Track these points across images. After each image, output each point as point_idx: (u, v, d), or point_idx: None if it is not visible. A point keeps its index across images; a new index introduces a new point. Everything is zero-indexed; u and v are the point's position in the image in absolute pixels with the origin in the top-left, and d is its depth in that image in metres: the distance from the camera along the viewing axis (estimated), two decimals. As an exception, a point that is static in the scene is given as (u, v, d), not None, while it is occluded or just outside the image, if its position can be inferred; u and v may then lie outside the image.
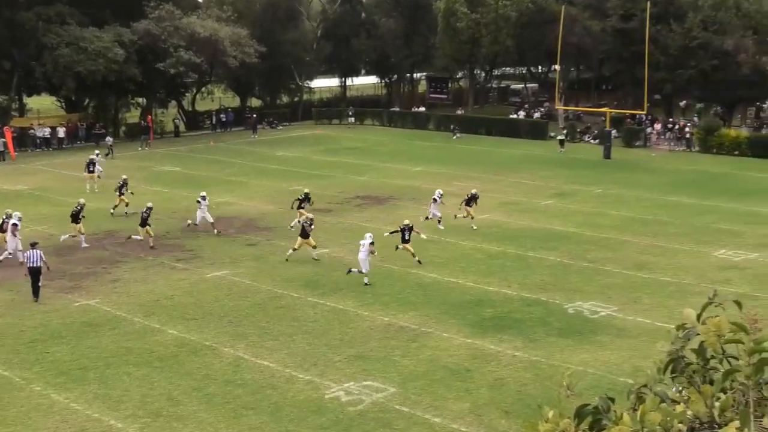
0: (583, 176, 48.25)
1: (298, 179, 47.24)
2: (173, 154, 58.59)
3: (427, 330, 23.53)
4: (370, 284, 27.55)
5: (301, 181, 46.64)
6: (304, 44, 78.66)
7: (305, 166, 52.54)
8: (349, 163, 54.10)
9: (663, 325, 23.29)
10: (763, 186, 44.94)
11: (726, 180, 47.04)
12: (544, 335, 23.04)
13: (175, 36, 63.21)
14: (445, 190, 41.65)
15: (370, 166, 52.41)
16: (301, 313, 25.16)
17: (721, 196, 42.25)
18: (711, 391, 3.37)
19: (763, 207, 39.55)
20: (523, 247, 32.25)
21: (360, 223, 36.23)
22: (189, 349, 22.27)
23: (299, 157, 56.97)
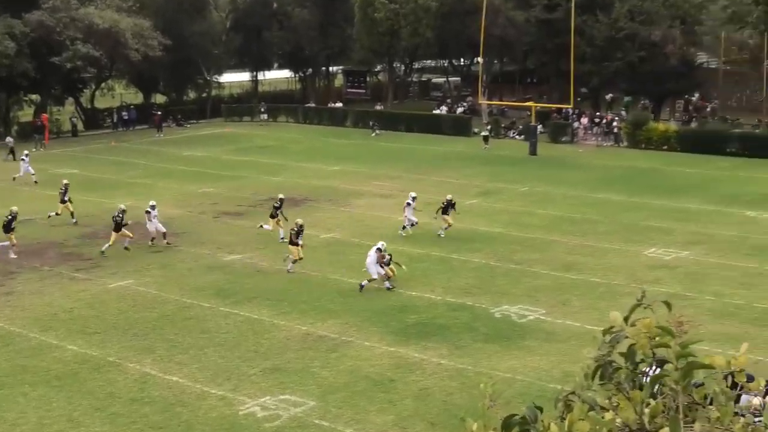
0: (508, 174, 48.81)
1: (208, 181, 46.79)
2: (70, 155, 57.47)
3: (348, 339, 23.52)
4: (393, 288, 27.61)
5: (211, 183, 46.23)
6: (212, 36, 77.86)
7: (215, 167, 52.05)
8: (261, 162, 53.78)
9: (593, 328, 23.67)
10: (693, 182, 46.07)
11: (655, 176, 48.07)
12: (470, 341, 23.24)
13: (72, 28, 61.93)
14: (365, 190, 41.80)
15: (284, 166, 52.19)
16: (212, 324, 24.92)
17: (650, 192, 43.16)
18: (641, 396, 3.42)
19: (692, 203, 40.54)
20: (447, 249, 32.48)
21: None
22: (90, 366, 21.86)
23: (208, 156, 56.40)
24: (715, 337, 21.95)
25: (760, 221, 36.96)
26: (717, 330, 23.34)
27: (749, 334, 23.21)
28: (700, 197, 41.78)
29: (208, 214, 38.95)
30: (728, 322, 24.52)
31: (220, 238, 34.85)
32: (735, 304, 26.09)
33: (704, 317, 24.41)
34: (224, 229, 36.18)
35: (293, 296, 27.33)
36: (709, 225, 36.27)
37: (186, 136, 66.95)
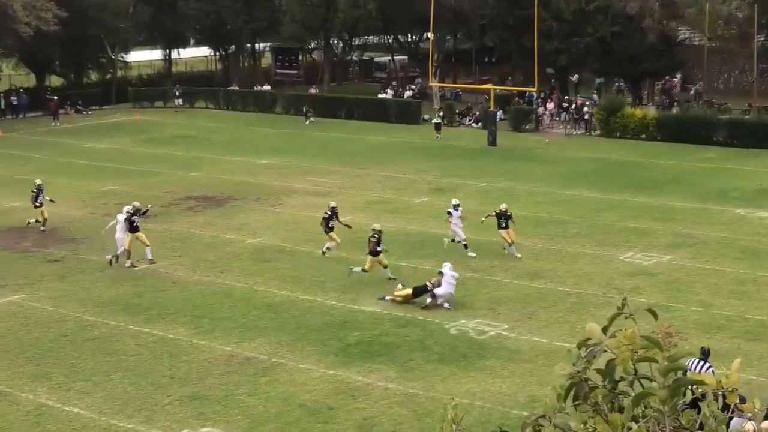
0: (464, 167, 49.02)
1: (113, 177, 46.37)
2: (-51, 147, 56.64)
3: (280, 361, 23.45)
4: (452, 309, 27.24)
5: (118, 180, 45.83)
6: (116, 8, 77.12)
7: (122, 161, 51.56)
8: (177, 155, 53.40)
9: (563, 344, 23.89)
10: (675, 175, 46.65)
11: (632, 169, 48.55)
12: (422, 362, 23.29)
13: (-51, -3, 61.09)
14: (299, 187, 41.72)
15: (204, 160, 51.88)
16: (119, 345, 24.69)
17: (627, 188, 43.60)
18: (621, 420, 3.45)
19: (675, 200, 41.07)
20: (395, 255, 32.49)
21: (193, 230, 35.83)
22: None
23: (114, 149, 55.87)
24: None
25: (751, 220, 37.55)
26: (704, 345, 23.67)
27: (741, 349, 23.58)
28: (684, 193, 42.33)
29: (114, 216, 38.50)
30: (718, 336, 24.86)
31: (129, 244, 34.54)
32: (725, 316, 26.47)
33: (690, 331, 24.73)
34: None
35: (215, 312, 27.18)
36: (695, 225, 36.76)
37: (87, 124, 66.27)
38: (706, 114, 58.14)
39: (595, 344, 3.57)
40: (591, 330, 3.60)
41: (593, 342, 3.58)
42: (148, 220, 37.12)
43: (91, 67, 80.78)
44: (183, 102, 73.41)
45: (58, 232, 36.64)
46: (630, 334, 3.48)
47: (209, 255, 32.94)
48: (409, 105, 67.56)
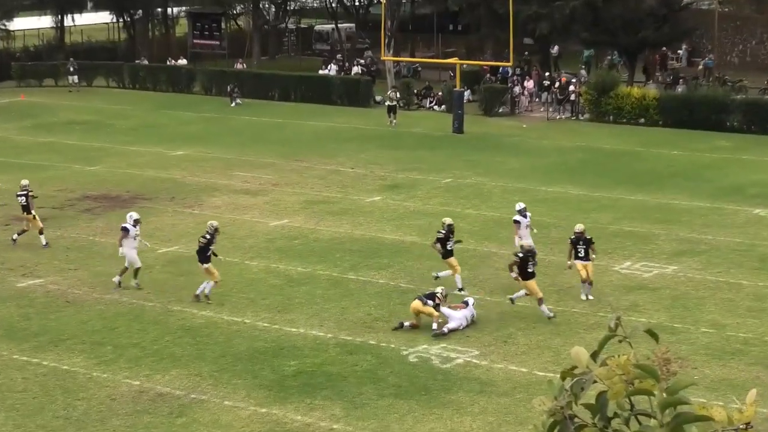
0: (424, 159, 49.08)
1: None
2: None
3: (200, 397, 23.37)
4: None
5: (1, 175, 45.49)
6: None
7: (3, 152, 51.14)
8: (72, 145, 53.06)
9: (545, 374, 23.99)
10: (680, 168, 47.00)
11: (628, 160, 48.83)
12: (374, 397, 23.30)
13: None
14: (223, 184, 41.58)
15: (106, 150, 51.58)
16: (2, 378, 24.52)
17: (622, 183, 43.84)
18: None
19: (680, 198, 41.38)
20: (340, 267, 32.50)
21: (92, 237, 35.60)
22: None
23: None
24: (713, 384, 22.47)
25: (771, 222, 37.93)
26: (716, 374, 23.88)
27: (760, 379, 23.76)
28: (691, 190, 42.67)
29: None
30: (732, 362, 25.05)
31: (12, 254, 34.26)
32: (741, 339, 26.67)
33: (699, 357, 24.93)
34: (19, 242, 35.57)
35: (120, 337, 27.03)
36: (704, 228, 37.05)
37: (-40, 108, 65.67)
38: (717, 94, 58.41)
39: (583, 374, 3.60)
40: (577, 356, 3.63)
41: (580, 371, 3.62)
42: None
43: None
44: (79, 80, 72.88)
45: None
46: (624, 361, 3.51)
47: (112, 268, 32.68)
48: (358, 84, 67.56)
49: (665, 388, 3.45)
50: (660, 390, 3.45)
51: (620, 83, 60.25)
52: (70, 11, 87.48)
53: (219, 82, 69.51)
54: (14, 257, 33.92)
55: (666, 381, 3.48)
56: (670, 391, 3.44)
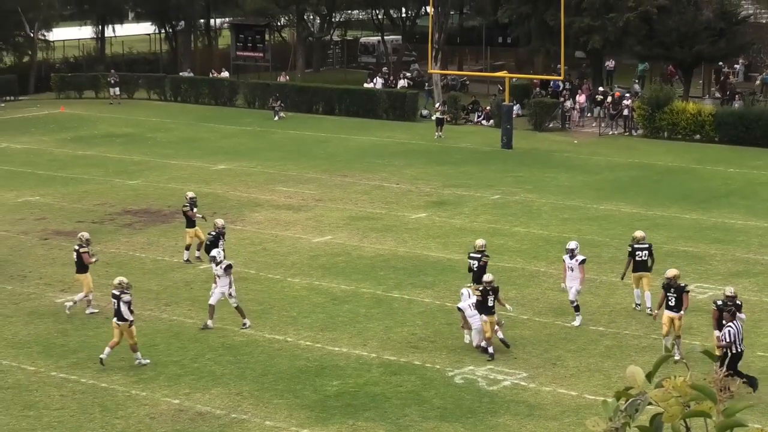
0: (471, 175, 49.06)
1: (32, 186, 46.29)
2: None
3: (241, 417, 23.44)
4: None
5: (38, 189, 45.76)
6: (36, -26, 77.30)
7: (42, 165, 51.52)
8: (112, 158, 53.37)
9: (596, 398, 23.91)
10: (737, 186, 46.78)
11: (683, 178, 48.63)
12: (418, 419, 23.28)
13: None
14: (265, 199, 41.66)
15: (146, 164, 51.86)
16: (39, 396, 24.65)
17: (676, 202, 43.66)
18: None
19: (737, 217, 41.16)
20: (384, 285, 32.51)
21: (132, 252, 35.79)
22: None
23: (33, 150, 55.83)
24: (768, 409, 22.29)
25: (830, 243, 37.67)
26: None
27: (817, 404, 23.59)
28: (747, 209, 42.46)
29: (32, 234, 38.51)
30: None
31: (51, 270, 34.47)
32: (796, 362, 26.52)
33: (753, 380, 24.77)
34: (57, 256, 35.79)
35: (159, 355, 27.13)
36: (761, 249, 36.87)
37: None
38: (776, 110, 58.22)
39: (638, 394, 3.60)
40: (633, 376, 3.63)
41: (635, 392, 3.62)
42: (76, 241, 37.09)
43: (5, 48, 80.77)
44: (119, 91, 73.31)
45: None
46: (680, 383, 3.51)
47: (152, 284, 32.90)
48: (403, 97, 67.57)
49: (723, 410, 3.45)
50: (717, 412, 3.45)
51: (675, 98, 60.00)
52: (110, 22, 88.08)
53: (262, 95, 69.74)
54: (52, 272, 34.14)
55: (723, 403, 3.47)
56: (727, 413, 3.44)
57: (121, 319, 25.97)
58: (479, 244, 30.43)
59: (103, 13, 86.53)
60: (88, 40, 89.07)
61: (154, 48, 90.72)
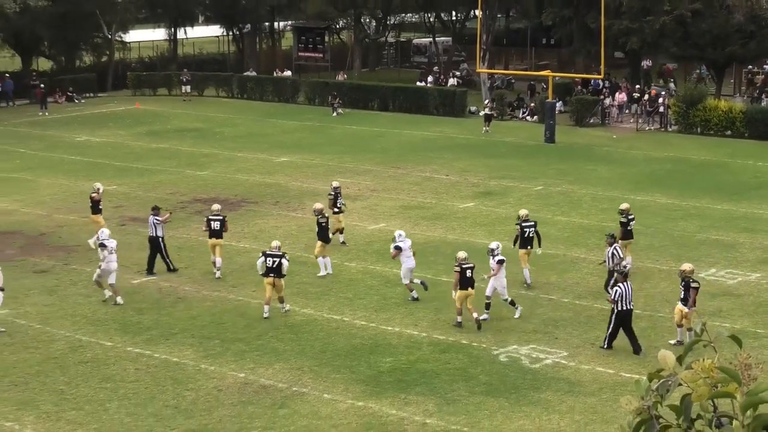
0: (516, 167, 48.99)
1: (110, 176, 46.61)
2: None
3: (301, 390, 23.54)
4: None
5: (115, 179, 46.07)
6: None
7: (119, 157, 51.90)
8: (183, 151, 53.67)
9: (631, 375, 23.84)
10: (766, 179, 46.41)
11: (715, 171, 48.36)
12: (465, 394, 23.30)
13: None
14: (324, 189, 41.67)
15: (215, 156, 52.12)
16: (116, 369, 24.86)
17: (708, 193, 43.43)
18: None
19: (766, 208, 40.83)
20: (434, 269, 32.51)
21: (201, 237, 35.93)
22: (-49, 427, 21.79)
23: (111, 143, 56.24)
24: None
25: None
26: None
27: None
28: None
29: (110, 221, 38.75)
30: (811, 367, 24.70)
31: (127, 253, 34.67)
32: (820, 344, 26.31)
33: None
34: (132, 241, 36.05)
35: (226, 332, 27.30)
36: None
37: (80, 114, 66.72)
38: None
39: (669, 376, 3.61)
40: (664, 359, 3.64)
41: (666, 373, 3.63)
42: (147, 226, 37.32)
43: (85, 49, 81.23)
44: (191, 89, 73.65)
45: (46, 240, 36.88)
46: (708, 365, 3.52)
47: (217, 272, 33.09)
48: (453, 95, 67.49)
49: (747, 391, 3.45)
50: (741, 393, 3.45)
51: (708, 96, 59.77)
52: (182, 24, 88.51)
53: (322, 92, 69.84)
54: (128, 256, 34.36)
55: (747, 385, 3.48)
56: (751, 394, 3.44)
57: (280, 275, 27.85)
58: (524, 213, 31.82)
59: (176, 16, 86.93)
60: (162, 42, 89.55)
61: (223, 49, 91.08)
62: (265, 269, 28.14)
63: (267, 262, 28.06)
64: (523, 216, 31.53)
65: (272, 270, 27.96)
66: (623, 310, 25.45)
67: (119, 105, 70.60)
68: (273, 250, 28.30)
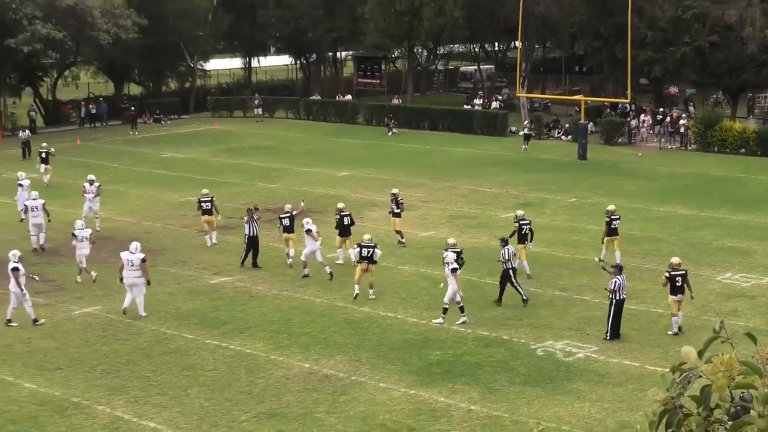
0: (552, 181, 48.83)
1: (191, 188, 46.86)
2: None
3: (359, 379, 23.56)
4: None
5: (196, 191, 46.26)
6: (196, 15, 78.24)
7: (200, 171, 52.23)
8: (256, 166, 53.94)
9: (655, 368, 23.70)
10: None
11: (731, 185, 47.99)
12: (506, 384, 23.24)
13: (30, 5, 62.39)
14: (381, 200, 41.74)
15: (284, 171, 52.34)
16: (196, 359, 25.00)
17: (724, 205, 43.10)
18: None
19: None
20: (478, 273, 32.45)
21: (272, 243, 36.12)
22: (52, 408, 21.97)
23: (192, 159, 56.63)
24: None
25: None
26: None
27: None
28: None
29: (191, 227, 39.05)
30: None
31: (206, 257, 34.96)
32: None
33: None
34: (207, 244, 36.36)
35: (293, 327, 27.40)
36: (796, 245, 36.22)
37: (165, 134, 67.28)
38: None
39: (690, 369, 3.59)
40: (686, 354, 3.62)
41: (688, 367, 3.61)
42: (226, 232, 37.56)
43: (170, 76, 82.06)
44: (262, 111, 74.10)
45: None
46: (727, 359, 3.49)
47: (288, 269, 33.24)
48: (495, 116, 67.41)
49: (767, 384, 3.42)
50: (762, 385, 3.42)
51: (724, 118, 59.49)
52: (256, 54, 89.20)
53: (378, 114, 69.97)
54: (207, 259, 34.62)
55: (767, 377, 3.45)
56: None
57: (372, 262, 29.32)
58: (521, 213, 33.43)
59: (250, 47, 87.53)
60: (238, 70, 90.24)
61: (291, 76, 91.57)
62: (359, 257, 29.27)
63: (362, 252, 29.25)
64: (520, 216, 32.95)
65: (366, 258, 29.19)
66: (620, 299, 26.08)
67: (200, 125, 71.07)
68: (366, 242, 29.57)
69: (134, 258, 28.26)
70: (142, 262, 28.27)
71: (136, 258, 28.27)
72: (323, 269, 31.87)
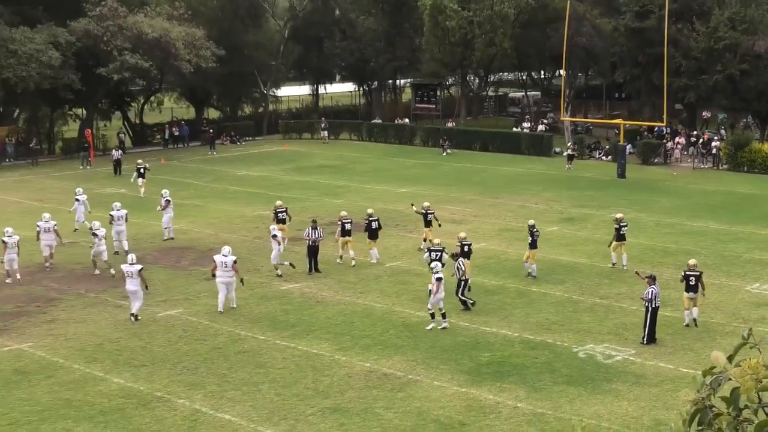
0: (593, 198, 48.54)
1: (264, 203, 47.18)
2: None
3: (415, 378, 23.55)
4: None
5: (268, 206, 46.60)
6: (269, 46, 78.98)
7: (272, 187, 52.54)
8: (322, 183, 54.17)
9: (688, 371, 23.45)
10: (802, 209, 45.37)
11: (759, 202, 47.44)
12: (550, 383, 23.11)
13: (120, 37, 63.24)
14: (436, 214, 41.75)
15: (348, 188, 52.50)
16: (267, 358, 25.12)
17: (754, 221, 42.60)
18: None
19: (801, 233, 39.90)
20: (525, 281, 32.35)
21: (337, 253, 36.22)
22: (137, 401, 22.19)
23: (265, 176, 56.98)
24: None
25: None
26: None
27: None
28: (810, 227, 41.16)
29: (264, 239, 39.24)
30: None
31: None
32: None
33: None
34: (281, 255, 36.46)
35: (355, 330, 27.45)
36: (820, 258, 35.68)
37: (240, 154, 67.78)
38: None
39: (720, 372, 3.57)
40: (716, 358, 3.60)
41: (718, 370, 3.58)
42: (297, 244, 37.68)
43: (245, 101, 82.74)
44: (328, 134, 74.41)
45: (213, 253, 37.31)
46: (754, 363, 3.47)
47: (351, 277, 33.33)
48: (541, 138, 67.19)
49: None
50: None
51: (753, 141, 58.99)
52: (323, 82, 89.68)
53: (434, 136, 70.04)
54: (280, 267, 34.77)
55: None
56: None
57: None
58: (532, 223, 33.63)
59: (318, 75, 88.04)
60: (306, 96, 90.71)
61: (355, 101, 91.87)
62: (429, 261, 29.36)
63: (432, 256, 29.63)
64: (531, 225, 33.19)
65: (436, 259, 29.30)
66: (655, 307, 25.99)
67: (272, 146, 71.55)
68: (435, 246, 30.40)
69: (227, 260, 29.40)
70: (234, 263, 29.48)
71: (228, 260, 29.39)
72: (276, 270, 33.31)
